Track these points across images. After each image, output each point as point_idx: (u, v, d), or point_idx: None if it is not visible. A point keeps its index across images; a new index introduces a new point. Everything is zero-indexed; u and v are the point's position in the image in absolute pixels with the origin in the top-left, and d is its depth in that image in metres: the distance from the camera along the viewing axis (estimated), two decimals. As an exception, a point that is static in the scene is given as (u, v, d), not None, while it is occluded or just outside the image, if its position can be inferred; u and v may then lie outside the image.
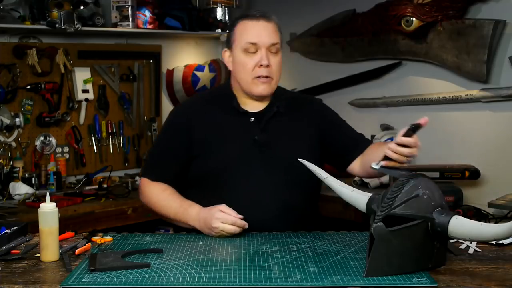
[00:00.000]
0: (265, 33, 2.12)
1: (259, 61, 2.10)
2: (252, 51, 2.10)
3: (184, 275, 1.58)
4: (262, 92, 2.13)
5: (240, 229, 1.95)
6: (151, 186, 2.18)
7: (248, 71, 2.11)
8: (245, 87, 2.15)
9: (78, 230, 2.18)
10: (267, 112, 2.17)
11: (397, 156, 1.85)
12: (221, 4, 4.13)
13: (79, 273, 1.60)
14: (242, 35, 2.12)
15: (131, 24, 3.72)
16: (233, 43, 2.15)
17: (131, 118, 3.98)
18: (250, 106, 2.18)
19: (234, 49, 2.15)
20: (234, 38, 2.15)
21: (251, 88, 2.13)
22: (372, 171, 1.98)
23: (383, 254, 1.57)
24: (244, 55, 2.11)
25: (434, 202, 1.61)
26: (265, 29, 2.13)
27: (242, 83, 2.14)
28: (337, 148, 2.22)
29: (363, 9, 3.73)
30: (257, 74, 2.11)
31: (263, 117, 2.16)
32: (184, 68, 4.18)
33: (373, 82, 3.80)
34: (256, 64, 2.10)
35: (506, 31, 3.17)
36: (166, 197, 2.13)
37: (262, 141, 2.13)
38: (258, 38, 2.10)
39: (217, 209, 1.97)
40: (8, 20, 3.34)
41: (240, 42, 2.12)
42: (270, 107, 2.18)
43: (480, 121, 3.32)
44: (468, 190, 3.17)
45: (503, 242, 1.83)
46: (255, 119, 2.16)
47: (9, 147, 3.47)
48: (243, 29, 2.13)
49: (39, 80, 3.53)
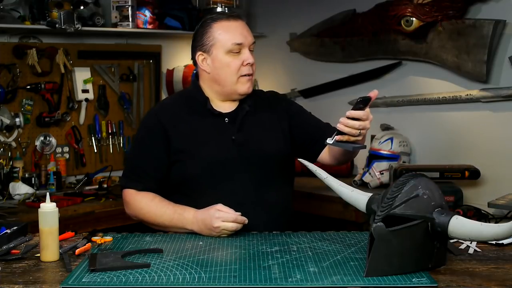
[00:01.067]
0: (246, 33, 2.14)
1: (245, 60, 2.12)
2: (236, 51, 2.11)
3: (184, 275, 1.58)
4: (247, 90, 2.15)
5: (241, 225, 1.96)
6: (137, 197, 2.14)
7: (234, 71, 2.12)
8: (228, 88, 2.14)
9: (78, 230, 2.17)
10: (240, 112, 2.18)
11: (348, 129, 1.84)
12: (221, 4, 4.13)
13: (79, 273, 1.60)
14: (226, 37, 2.11)
15: (131, 24, 3.73)
16: (213, 47, 2.12)
17: (131, 118, 3.98)
18: (222, 108, 2.18)
19: (213, 52, 2.12)
20: (213, 41, 2.12)
21: (237, 87, 2.14)
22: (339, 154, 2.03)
23: (383, 254, 1.57)
24: (228, 56, 2.11)
25: (434, 202, 1.61)
26: (246, 29, 2.15)
27: (225, 84, 2.14)
28: (305, 139, 2.23)
29: (363, 9, 3.73)
30: (243, 72, 2.12)
31: (237, 117, 2.17)
32: (184, 68, 4.18)
33: (373, 82, 3.80)
34: (242, 63, 2.12)
35: (506, 31, 3.17)
36: (157, 205, 2.10)
37: (239, 140, 2.14)
38: (243, 38, 2.12)
39: (215, 209, 1.97)
40: (8, 20, 3.34)
41: (224, 44, 2.11)
42: (241, 106, 2.19)
43: (480, 121, 3.32)
44: (468, 190, 3.17)
45: (503, 242, 1.83)
46: (230, 120, 2.16)
47: (9, 147, 3.47)
48: (224, 31, 2.12)
49: (39, 80, 3.53)
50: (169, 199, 2.13)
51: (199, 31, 2.17)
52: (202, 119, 2.16)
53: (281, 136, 2.21)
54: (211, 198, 2.05)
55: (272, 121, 2.22)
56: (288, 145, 2.21)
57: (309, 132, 2.24)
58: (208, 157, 2.11)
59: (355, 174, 3.75)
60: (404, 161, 3.52)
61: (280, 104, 2.29)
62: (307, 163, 1.96)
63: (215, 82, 2.16)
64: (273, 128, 2.21)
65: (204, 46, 2.15)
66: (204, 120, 2.16)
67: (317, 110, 2.38)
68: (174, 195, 2.15)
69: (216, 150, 2.12)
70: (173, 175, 2.15)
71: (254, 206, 2.08)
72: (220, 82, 2.15)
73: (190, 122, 2.16)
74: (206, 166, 2.11)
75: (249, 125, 2.17)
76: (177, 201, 2.11)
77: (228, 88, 2.15)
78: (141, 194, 2.14)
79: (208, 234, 1.98)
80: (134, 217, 2.18)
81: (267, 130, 2.20)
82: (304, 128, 2.25)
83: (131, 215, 2.18)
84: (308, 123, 2.27)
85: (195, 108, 2.18)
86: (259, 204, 2.10)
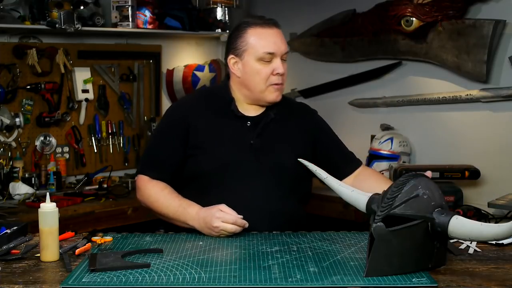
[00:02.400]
0: (280, 42, 2.12)
1: (275, 69, 2.10)
2: (267, 60, 2.10)
3: (184, 275, 1.58)
4: (275, 99, 2.14)
5: (241, 228, 1.95)
6: (149, 185, 2.16)
7: (263, 79, 2.11)
8: (257, 95, 2.14)
9: (78, 230, 2.17)
10: (264, 117, 2.17)
11: None
12: (221, 4, 4.13)
13: (79, 273, 1.60)
14: (258, 44, 2.10)
15: (131, 24, 3.72)
16: (245, 52, 2.11)
17: (131, 118, 3.98)
18: (247, 111, 2.18)
19: (245, 57, 2.12)
20: (246, 47, 2.11)
21: (265, 95, 2.13)
22: None
23: (383, 254, 1.57)
24: (259, 63, 2.10)
25: (434, 202, 1.61)
26: (280, 38, 2.13)
27: (254, 91, 2.14)
28: (328, 162, 2.19)
29: (363, 9, 3.73)
30: (272, 82, 2.11)
31: (260, 122, 2.16)
32: (184, 68, 4.18)
33: (373, 82, 3.80)
34: (272, 72, 2.10)
35: (506, 31, 3.17)
36: (165, 196, 2.12)
37: (257, 145, 2.13)
38: (275, 47, 2.10)
39: (217, 209, 1.97)
40: (8, 20, 3.34)
41: (256, 51, 2.10)
42: (266, 112, 2.18)
43: (480, 121, 3.32)
44: (468, 190, 3.17)
45: (503, 242, 1.83)
46: (252, 124, 2.16)
47: (9, 147, 3.47)
48: (258, 38, 2.10)
49: (39, 80, 3.53)
50: (179, 192, 2.14)
51: (234, 34, 2.16)
52: (224, 119, 2.16)
53: (301, 150, 2.18)
54: (219, 197, 2.05)
55: (296, 132, 2.21)
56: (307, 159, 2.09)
57: (332, 158, 2.23)
58: (222, 156, 2.11)
59: (355, 174, 3.74)
60: (404, 161, 3.52)
61: (309, 118, 2.27)
62: (307, 163, 1.96)
63: (244, 87, 2.16)
64: (295, 140, 2.19)
65: (236, 50, 2.14)
66: (225, 120, 2.16)
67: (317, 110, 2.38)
68: (184, 189, 2.16)
69: (232, 151, 2.12)
70: (186, 169, 2.16)
71: (260, 213, 2.07)
72: (249, 88, 2.15)
73: (211, 120, 2.16)
74: (219, 165, 2.11)
75: (270, 132, 2.16)
76: (187, 196, 2.11)
77: (256, 95, 2.14)
78: (153, 183, 2.16)
79: (208, 232, 1.98)
80: (143, 204, 2.20)
81: (288, 141, 2.18)
82: (328, 152, 2.24)
83: (141, 201, 2.20)
84: (333, 147, 2.26)
85: (219, 107, 2.18)
86: (264, 211, 2.08)
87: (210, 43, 4.39)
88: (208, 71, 4.22)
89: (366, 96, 3.81)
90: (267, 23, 2.13)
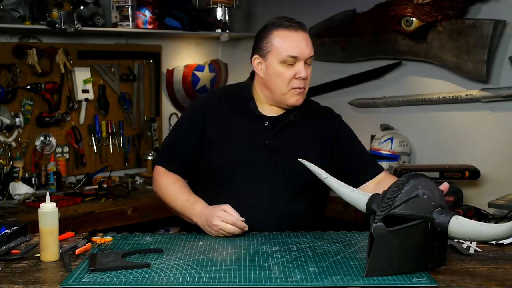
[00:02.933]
0: (305, 46, 2.10)
1: (298, 73, 2.09)
2: (291, 63, 2.09)
3: (184, 275, 1.58)
4: (296, 103, 2.13)
5: (240, 230, 1.95)
6: (164, 176, 2.18)
7: (285, 82, 2.10)
8: (278, 97, 2.13)
9: (78, 230, 2.17)
10: (283, 119, 2.16)
11: None
12: (221, 4, 4.13)
13: (79, 273, 1.60)
14: (282, 46, 2.08)
15: (131, 24, 3.72)
16: (269, 53, 2.10)
17: (131, 118, 3.98)
18: (266, 111, 2.17)
19: (269, 59, 2.11)
20: (270, 48, 2.10)
21: (286, 98, 2.12)
22: None
23: (383, 254, 1.57)
24: (282, 66, 2.09)
25: (434, 202, 1.61)
26: (305, 42, 2.10)
27: (276, 93, 2.13)
28: (347, 167, 2.18)
29: (363, 9, 3.73)
30: (294, 85, 2.10)
31: (278, 123, 2.15)
32: (184, 68, 4.18)
33: (373, 82, 3.80)
34: (294, 76, 2.09)
35: (506, 31, 3.17)
36: (176, 189, 2.13)
37: (272, 146, 2.12)
38: (299, 51, 2.08)
39: (220, 208, 1.97)
40: (8, 20, 3.34)
41: (279, 54, 2.08)
42: (287, 114, 2.17)
43: (480, 121, 3.32)
44: (468, 190, 3.17)
45: (503, 242, 1.83)
46: (269, 124, 2.15)
47: (9, 147, 3.47)
48: (282, 40, 2.09)
49: (39, 80, 3.53)
50: (192, 187, 2.16)
51: (260, 34, 2.16)
52: (241, 117, 2.16)
53: (318, 154, 2.14)
54: (228, 194, 2.06)
55: (315, 136, 2.18)
56: (321, 165, 1.97)
57: (352, 163, 2.20)
58: (235, 154, 2.12)
59: (355, 174, 3.75)
60: (404, 161, 3.52)
61: (330, 122, 2.24)
62: (306, 163, 1.96)
63: (266, 88, 2.15)
64: (313, 144, 2.17)
65: (261, 50, 2.13)
66: (243, 118, 2.16)
67: (317, 110, 2.38)
68: (196, 184, 2.17)
69: (245, 149, 2.12)
70: (200, 164, 2.17)
71: (265, 214, 2.06)
72: (271, 89, 2.14)
73: (228, 117, 2.17)
74: (230, 162, 2.11)
75: (287, 134, 2.15)
76: (198, 191, 2.12)
77: (278, 97, 2.13)
78: (167, 174, 2.18)
79: (208, 231, 1.98)
80: (157, 195, 2.22)
81: (305, 144, 2.16)
82: (348, 157, 2.21)
83: (155, 192, 2.23)
84: (353, 152, 2.24)
85: (238, 105, 2.18)
86: (270, 212, 2.08)
87: (210, 43, 4.39)
88: (208, 71, 4.22)
89: (366, 96, 3.81)
90: (294, 26, 2.11)
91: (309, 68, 2.13)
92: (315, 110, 2.27)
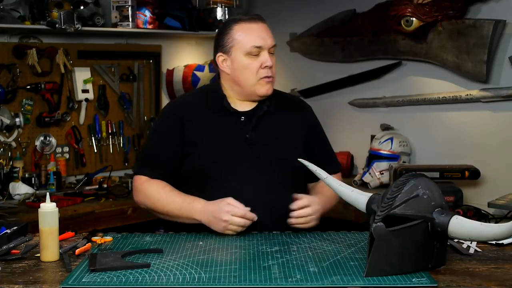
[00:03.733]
0: (266, 35, 2.14)
1: (263, 62, 2.12)
2: (255, 54, 2.12)
3: (184, 275, 1.58)
4: (267, 92, 2.15)
5: (250, 222, 1.96)
6: (148, 184, 2.15)
7: (253, 73, 2.12)
8: (248, 89, 2.15)
9: (78, 230, 2.17)
10: (257, 111, 2.19)
11: None
12: (221, 4, 4.13)
13: (79, 273, 1.60)
14: (245, 39, 2.12)
15: (131, 24, 3.73)
16: (232, 48, 2.14)
17: (131, 118, 3.99)
18: (240, 106, 2.19)
19: (233, 53, 2.14)
20: (233, 43, 2.14)
21: (256, 89, 2.14)
22: None
23: (383, 254, 1.57)
24: (247, 58, 2.12)
25: (434, 202, 1.61)
26: (266, 32, 2.15)
27: (245, 86, 2.15)
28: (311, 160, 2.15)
29: (363, 9, 3.73)
30: (262, 75, 2.13)
31: (254, 116, 2.17)
32: (184, 68, 4.18)
33: (373, 82, 3.81)
34: (260, 66, 2.12)
35: (506, 31, 3.17)
36: (167, 193, 2.12)
37: (253, 139, 2.14)
38: (262, 41, 2.12)
39: (225, 202, 1.97)
40: (8, 20, 3.34)
41: (243, 46, 2.12)
42: (260, 106, 2.19)
43: (480, 121, 3.32)
44: (468, 190, 3.17)
45: (503, 242, 1.83)
46: (246, 118, 2.17)
47: (9, 147, 3.47)
48: (244, 33, 2.13)
49: (39, 80, 3.53)
50: None
51: (220, 32, 2.19)
52: (218, 116, 2.17)
53: (298, 141, 2.20)
54: (219, 193, 2.05)
55: (290, 125, 2.22)
56: (301, 152, 2.16)
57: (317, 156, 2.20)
58: (219, 152, 2.12)
59: (355, 174, 3.75)
60: (404, 161, 3.52)
61: (303, 112, 2.28)
62: (307, 163, 1.96)
63: (235, 83, 2.17)
64: (291, 132, 2.21)
65: (224, 47, 2.16)
66: (219, 116, 2.17)
67: (317, 110, 2.38)
68: (183, 188, 2.15)
69: (228, 146, 2.13)
70: (184, 167, 2.16)
71: (261, 207, 2.05)
72: (239, 83, 2.16)
73: (205, 117, 2.17)
74: (216, 161, 2.11)
75: (265, 125, 2.17)
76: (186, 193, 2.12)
77: (248, 90, 2.15)
78: (151, 181, 2.15)
79: (215, 226, 1.97)
80: (142, 205, 2.19)
81: (284, 132, 2.19)
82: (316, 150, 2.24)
83: (140, 202, 2.19)
84: (318, 147, 2.27)
85: (212, 104, 2.19)
86: (265, 205, 2.07)
87: (210, 43, 4.33)
88: (208, 71, 4.22)
89: (366, 96, 3.81)
90: (253, 18, 2.17)
91: (273, 58, 2.16)
92: (286, 99, 2.32)
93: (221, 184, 2.10)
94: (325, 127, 2.37)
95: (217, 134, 2.14)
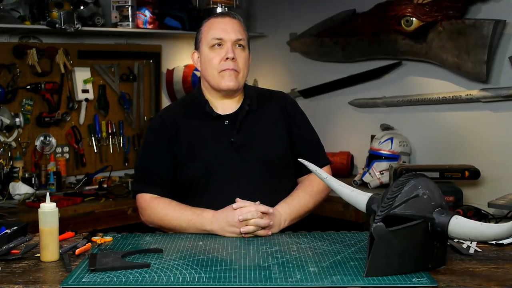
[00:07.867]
0: (230, 29, 2.16)
1: (225, 54, 2.13)
2: (219, 46, 2.14)
3: (184, 275, 1.58)
4: (229, 85, 2.14)
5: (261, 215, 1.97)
6: (153, 203, 2.12)
7: (215, 66, 2.14)
8: (212, 82, 2.16)
9: (78, 230, 2.18)
10: (240, 111, 2.18)
11: None
12: (221, 4, 4.13)
13: (79, 273, 1.60)
14: (209, 32, 2.16)
15: (131, 24, 3.73)
16: (200, 42, 2.19)
17: (131, 118, 3.99)
18: (222, 109, 2.19)
19: (201, 48, 2.18)
20: (200, 37, 2.19)
21: (219, 82, 2.14)
22: None
23: (383, 254, 1.57)
24: (211, 51, 2.15)
25: (434, 202, 1.61)
26: (231, 25, 2.17)
27: (210, 79, 2.16)
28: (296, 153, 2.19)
29: (363, 9, 3.73)
30: (224, 67, 2.13)
31: (237, 118, 2.17)
32: (184, 68, 4.18)
33: (373, 82, 3.81)
34: (222, 58, 2.13)
35: (506, 31, 3.17)
36: (174, 208, 2.08)
37: (238, 142, 2.13)
38: (224, 33, 2.14)
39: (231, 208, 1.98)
40: (8, 20, 3.34)
41: (207, 39, 2.16)
42: (242, 106, 2.19)
43: (480, 121, 3.32)
44: (468, 190, 3.17)
45: (503, 242, 1.83)
46: (229, 121, 2.17)
47: (9, 147, 3.47)
48: (209, 27, 2.17)
49: (39, 80, 3.54)
50: None
51: (197, 31, 2.24)
52: (202, 122, 2.17)
53: (283, 139, 2.20)
54: (210, 200, 2.05)
55: (275, 122, 2.21)
56: (287, 147, 2.19)
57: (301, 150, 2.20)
58: (207, 159, 2.12)
59: (355, 174, 3.75)
60: (404, 161, 3.52)
61: (286, 107, 2.27)
62: (307, 163, 1.96)
63: (204, 79, 2.20)
64: (276, 130, 2.20)
65: (196, 44, 2.22)
66: (204, 123, 2.17)
67: (317, 110, 2.39)
68: (176, 197, 2.15)
69: (215, 152, 2.12)
70: (176, 177, 2.15)
71: None
72: (206, 77, 2.18)
73: (190, 125, 2.17)
74: (205, 168, 2.11)
75: (249, 126, 2.17)
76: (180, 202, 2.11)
77: (212, 83, 2.17)
78: (157, 200, 2.12)
79: (230, 233, 1.96)
80: (150, 224, 2.15)
81: (269, 131, 2.19)
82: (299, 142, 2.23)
83: (147, 221, 2.15)
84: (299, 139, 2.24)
85: (196, 111, 2.19)
86: None
87: (210, 43, 4.38)
88: (208, 71, 4.22)
89: (366, 96, 3.81)
90: (222, 14, 2.22)
91: (242, 53, 2.17)
92: (267, 95, 2.30)
93: (211, 191, 2.10)
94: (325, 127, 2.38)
95: (203, 141, 2.14)
